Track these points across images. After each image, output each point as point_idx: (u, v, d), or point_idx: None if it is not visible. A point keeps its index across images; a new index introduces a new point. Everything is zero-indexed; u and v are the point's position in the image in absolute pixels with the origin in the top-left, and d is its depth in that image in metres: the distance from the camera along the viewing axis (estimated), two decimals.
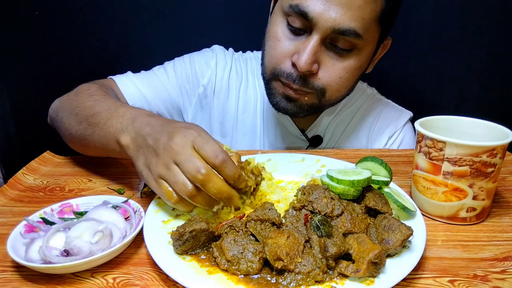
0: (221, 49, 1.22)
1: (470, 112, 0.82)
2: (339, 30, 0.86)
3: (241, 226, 0.63)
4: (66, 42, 1.44)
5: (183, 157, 0.64)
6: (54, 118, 0.99)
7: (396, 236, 0.59)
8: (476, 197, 0.71)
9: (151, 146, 0.68)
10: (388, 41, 1.03)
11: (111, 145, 0.78)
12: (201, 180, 0.63)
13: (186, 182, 0.64)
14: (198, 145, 0.65)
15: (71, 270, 0.59)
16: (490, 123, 0.77)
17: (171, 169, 0.65)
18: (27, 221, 0.66)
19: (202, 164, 0.63)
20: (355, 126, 1.18)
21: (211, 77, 1.17)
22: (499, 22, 1.40)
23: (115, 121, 0.77)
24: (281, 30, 0.93)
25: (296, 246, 0.58)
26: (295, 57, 0.90)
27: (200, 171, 0.63)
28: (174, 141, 0.65)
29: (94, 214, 0.67)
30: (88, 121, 0.83)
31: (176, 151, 0.64)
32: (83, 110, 0.86)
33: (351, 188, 0.67)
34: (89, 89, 0.94)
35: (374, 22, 0.90)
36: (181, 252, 0.60)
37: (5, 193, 0.84)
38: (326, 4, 0.85)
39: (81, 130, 0.85)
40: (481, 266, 0.62)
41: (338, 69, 0.92)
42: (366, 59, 0.97)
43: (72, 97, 0.95)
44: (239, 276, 0.56)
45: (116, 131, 0.76)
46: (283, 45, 0.93)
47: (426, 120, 0.79)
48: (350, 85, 0.99)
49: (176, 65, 1.17)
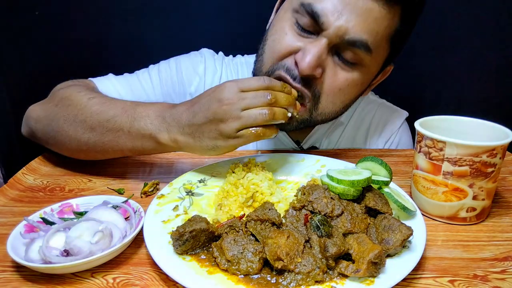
0: (210, 53, 1.16)
1: (470, 112, 0.82)
2: (349, 41, 0.80)
3: (241, 226, 0.63)
4: (66, 42, 1.43)
5: (245, 101, 0.72)
6: (40, 129, 0.92)
7: (396, 236, 0.59)
8: (476, 197, 0.71)
9: (207, 123, 0.74)
10: (389, 68, 0.98)
11: (147, 146, 0.81)
12: (273, 100, 0.74)
13: (261, 112, 0.73)
14: (242, 86, 0.73)
15: (71, 270, 0.59)
16: (490, 123, 0.77)
17: (243, 116, 0.72)
18: (27, 221, 0.66)
19: (262, 92, 0.73)
20: (351, 133, 1.15)
21: (199, 85, 1.10)
22: (499, 22, 1.40)
23: (142, 123, 0.79)
24: (288, 26, 0.86)
25: (296, 246, 0.58)
26: (299, 56, 0.82)
27: (266, 96, 0.73)
28: (224, 99, 0.72)
29: (94, 214, 0.67)
30: (103, 126, 0.82)
31: (235, 102, 0.72)
32: (91, 116, 0.83)
33: (351, 188, 0.67)
34: (79, 91, 0.90)
35: (386, 41, 0.84)
36: (181, 252, 0.60)
37: (5, 193, 0.84)
38: (341, 9, 0.78)
39: (95, 137, 0.83)
40: (481, 266, 0.62)
41: (340, 79, 0.86)
42: (368, 79, 0.91)
43: (63, 103, 0.89)
44: (239, 276, 0.56)
45: (150, 132, 0.78)
46: (289, 40, 0.85)
47: (426, 120, 0.79)
48: (347, 100, 0.92)
49: (161, 70, 1.10)
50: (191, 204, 0.76)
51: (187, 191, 0.79)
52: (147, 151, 0.83)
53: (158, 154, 1.03)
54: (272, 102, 0.74)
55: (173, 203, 0.74)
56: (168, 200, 0.75)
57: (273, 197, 0.75)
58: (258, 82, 0.75)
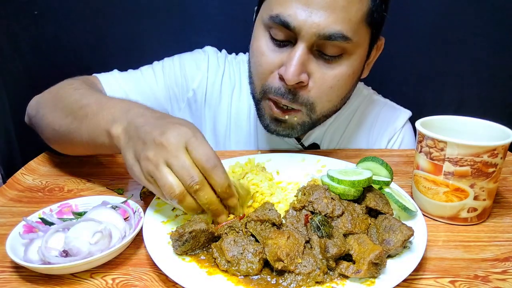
0: (214, 50, 1.16)
1: (471, 112, 0.82)
2: (325, 35, 0.80)
3: (241, 227, 0.63)
4: (66, 42, 1.43)
5: (176, 160, 0.61)
6: (33, 116, 0.94)
7: (397, 237, 0.59)
8: (477, 198, 0.71)
9: (142, 139, 0.64)
10: (381, 42, 0.97)
11: (100, 137, 0.74)
12: (193, 189, 0.61)
13: (174, 186, 0.61)
14: (192, 146, 0.62)
15: (70, 270, 0.59)
16: (491, 123, 0.77)
17: (160, 170, 0.61)
18: (26, 222, 0.66)
19: (195, 172, 0.61)
20: (353, 130, 1.14)
21: (202, 81, 1.11)
22: (500, 22, 1.39)
23: (106, 112, 0.74)
24: (264, 44, 0.87)
25: (296, 246, 0.58)
26: (282, 70, 0.83)
27: (194, 179, 0.61)
28: (166, 137, 0.62)
29: (93, 215, 0.67)
30: (75, 114, 0.80)
31: (168, 150, 0.61)
32: (69, 104, 0.83)
33: (352, 189, 0.67)
34: (73, 84, 0.90)
35: (362, 23, 0.83)
36: (181, 252, 0.60)
37: (4, 193, 0.83)
38: (308, 10, 0.79)
39: (66, 125, 0.81)
40: (482, 267, 0.62)
41: (328, 78, 0.86)
42: (359, 63, 0.90)
43: (54, 93, 0.91)
44: (239, 277, 0.56)
45: (107, 122, 0.72)
46: (268, 59, 0.87)
47: (427, 120, 0.79)
48: (343, 94, 0.92)
49: (165, 66, 1.11)
50: None
51: None
52: (98, 144, 0.77)
53: None
54: (191, 189, 0.61)
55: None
56: None
57: (273, 197, 0.75)
58: (205, 157, 0.62)
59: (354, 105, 1.14)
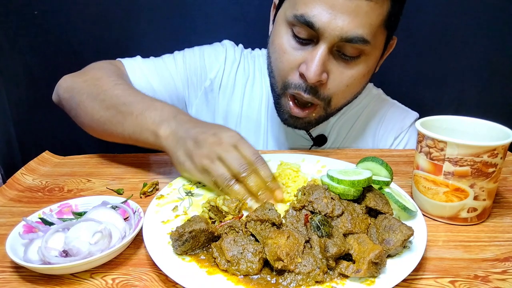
0: (231, 44, 1.22)
1: (471, 112, 0.82)
2: (347, 38, 0.84)
3: (241, 227, 0.63)
4: (65, 42, 1.43)
5: (228, 154, 0.73)
6: (66, 98, 0.98)
7: (397, 237, 0.59)
8: (477, 198, 0.71)
9: (194, 139, 0.75)
10: (393, 41, 1.02)
11: (144, 134, 0.82)
12: (243, 176, 0.72)
13: (227, 175, 0.73)
14: (240, 145, 0.75)
15: (70, 270, 0.59)
16: (491, 123, 0.77)
17: (214, 163, 0.73)
18: (26, 222, 0.66)
19: (243, 160, 0.73)
20: (361, 126, 1.17)
21: (219, 71, 1.16)
22: (499, 22, 1.40)
23: (153, 113, 0.82)
24: (286, 41, 0.91)
25: (296, 246, 0.58)
26: (303, 68, 0.88)
27: (244, 167, 0.72)
28: (219, 137, 0.74)
29: (93, 215, 0.67)
30: (117, 109, 0.86)
31: (221, 147, 0.73)
32: (111, 98, 0.88)
33: (352, 188, 0.67)
34: (110, 76, 0.96)
35: (381, 27, 0.88)
36: (181, 252, 0.60)
37: (4, 193, 0.83)
38: (332, 13, 0.83)
39: (107, 116, 0.88)
40: (482, 267, 0.62)
41: (346, 77, 0.91)
42: (374, 63, 0.96)
43: (91, 81, 0.95)
44: (239, 277, 0.56)
45: (154, 122, 0.81)
46: (290, 56, 0.91)
47: (427, 120, 0.79)
48: (356, 91, 0.98)
49: (186, 56, 1.16)
50: (190, 204, 0.75)
51: (186, 191, 0.79)
52: (141, 140, 0.84)
53: (158, 154, 1.02)
54: (242, 178, 0.73)
55: (173, 204, 0.74)
56: (167, 200, 0.74)
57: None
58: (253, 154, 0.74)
59: (363, 103, 1.18)
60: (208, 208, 0.71)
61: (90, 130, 0.96)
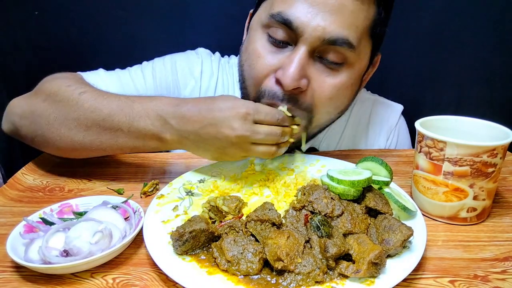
0: (208, 54, 1.12)
1: (470, 112, 0.82)
2: (330, 40, 0.75)
3: (241, 227, 0.63)
4: (65, 42, 1.43)
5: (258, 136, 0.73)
6: (25, 125, 0.85)
7: (397, 237, 0.59)
8: (477, 197, 0.71)
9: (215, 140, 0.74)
10: (377, 58, 0.93)
11: (149, 144, 0.79)
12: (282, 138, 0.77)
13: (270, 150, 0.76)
14: (257, 118, 0.73)
15: (71, 270, 0.59)
16: (491, 123, 0.77)
17: (251, 150, 0.75)
18: (26, 221, 0.66)
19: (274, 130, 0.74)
20: (350, 133, 1.13)
21: (195, 89, 1.06)
22: (499, 22, 1.39)
23: (142, 123, 0.76)
24: (261, 45, 0.81)
25: (296, 246, 0.58)
26: (280, 73, 0.77)
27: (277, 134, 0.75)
28: (238, 129, 0.72)
29: (93, 214, 0.67)
30: (100, 126, 0.78)
31: (248, 135, 0.73)
32: (84, 114, 0.78)
33: (352, 188, 0.67)
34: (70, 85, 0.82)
35: (366, 33, 0.80)
36: (181, 252, 0.60)
37: (4, 193, 0.83)
38: (313, 11, 0.73)
39: (91, 136, 0.79)
40: (482, 267, 0.62)
41: (329, 87, 0.80)
42: (358, 76, 0.86)
43: (51, 99, 0.82)
44: (239, 277, 0.56)
45: (150, 131, 0.77)
46: (265, 61, 0.80)
47: (426, 120, 0.79)
48: (341, 106, 0.88)
49: (156, 69, 1.05)
50: (191, 204, 0.75)
51: (187, 191, 0.79)
52: (150, 149, 0.81)
53: (158, 154, 1.02)
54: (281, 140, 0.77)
55: (173, 203, 0.74)
56: (168, 200, 0.75)
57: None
58: (273, 118, 0.75)
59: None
60: (208, 208, 0.71)
61: (74, 153, 0.86)
